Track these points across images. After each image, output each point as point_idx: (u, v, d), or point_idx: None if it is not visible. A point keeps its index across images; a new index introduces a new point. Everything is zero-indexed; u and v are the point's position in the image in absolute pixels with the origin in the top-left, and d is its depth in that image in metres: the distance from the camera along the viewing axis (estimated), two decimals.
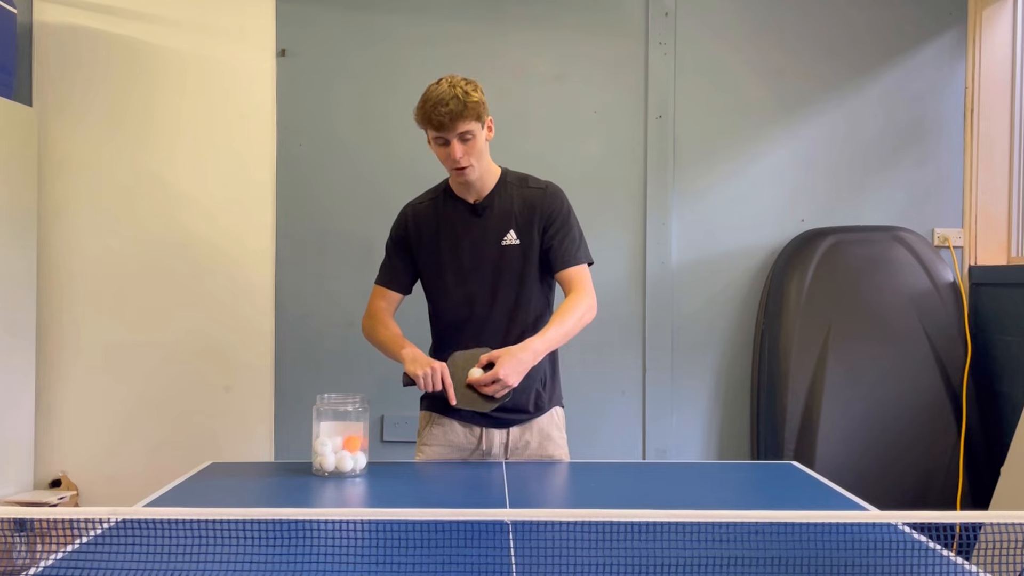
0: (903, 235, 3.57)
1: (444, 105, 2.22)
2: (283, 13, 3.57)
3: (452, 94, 2.23)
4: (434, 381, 2.24)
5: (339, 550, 1.46)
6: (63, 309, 3.51)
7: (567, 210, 2.41)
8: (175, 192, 3.53)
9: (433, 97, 2.25)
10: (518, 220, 2.38)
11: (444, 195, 2.44)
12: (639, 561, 1.41)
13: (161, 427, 3.50)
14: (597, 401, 3.66)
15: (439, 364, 2.26)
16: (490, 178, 2.40)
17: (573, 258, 2.38)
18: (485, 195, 2.40)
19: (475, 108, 2.25)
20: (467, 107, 2.23)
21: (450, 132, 2.25)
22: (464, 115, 2.24)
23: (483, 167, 2.35)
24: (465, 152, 2.28)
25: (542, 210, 2.38)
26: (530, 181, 2.44)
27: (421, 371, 2.25)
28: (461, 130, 2.25)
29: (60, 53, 3.50)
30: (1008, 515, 1.37)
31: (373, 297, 2.50)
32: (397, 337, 2.41)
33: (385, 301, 2.48)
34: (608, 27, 3.69)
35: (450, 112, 2.22)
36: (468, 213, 2.40)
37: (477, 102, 2.26)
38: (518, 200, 2.39)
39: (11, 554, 1.70)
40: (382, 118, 3.66)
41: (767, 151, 3.71)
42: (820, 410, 3.39)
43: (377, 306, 2.48)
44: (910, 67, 3.71)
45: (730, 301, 3.70)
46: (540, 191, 2.41)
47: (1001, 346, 3.45)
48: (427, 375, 2.24)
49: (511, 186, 2.42)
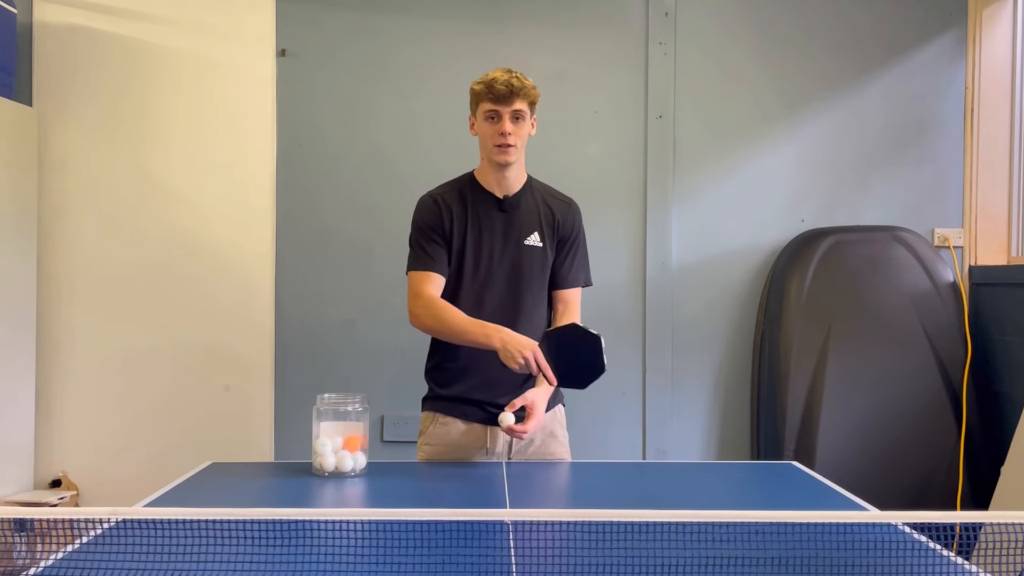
0: (903, 235, 3.57)
1: (506, 82, 2.31)
2: (283, 13, 3.57)
3: (513, 75, 2.34)
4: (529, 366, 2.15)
5: (339, 550, 1.46)
6: (63, 309, 3.50)
7: (581, 229, 2.49)
8: (175, 192, 3.52)
9: (495, 74, 2.34)
10: (543, 224, 2.42)
11: (471, 186, 2.44)
12: (639, 561, 1.41)
13: (161, 427, 3.50)
14: (597, 401, 3.65)
15: (531, 346, 2.16)
16: (520, 177, 2.44)
17: (576, 279, 2.46)
18: (513, 192, 2.41)
19: (532, 93, 2.36)
20: (526, 87, 2.34)
21: (506, 106, 2.31)
22: (523, 93, 2.33)
23: (520, 159, 2.40)
24: (514, 131, 2.33)
25: (563, 223, 2.44)
26: (554, 192, 2.50)
27: (516, 361, 2.16)
28: (516, 107, 2.32)
29: (60, 53, 3.50)
30: (1008, 515, 1.37)
31: (419, 285, 2.35)
32: (473, 320, 2.28)
33: (433, 286, 2.36)
34: (608, 27, 3.69)
35: (511, 87, 2.30)
36: (495, 207, 2.41)
37: (533, 89, 2.37)
38: (544, 207, 2.44)
39: (11, 554, 1.70)
40: (383, 118, 3.66)
41: (767, 151, 3.71)
42: (820, 410, 3.39)
43: (428, 292, 2.34)
44: (910, 67, 3.71)
45: (730, 301, 3.71)
46: (565, 204, 2.48)
47: (1001, 346, 3.45)
48: (523, 363, 2.15)
49: (537, 191, 2.46)
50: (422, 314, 2.33)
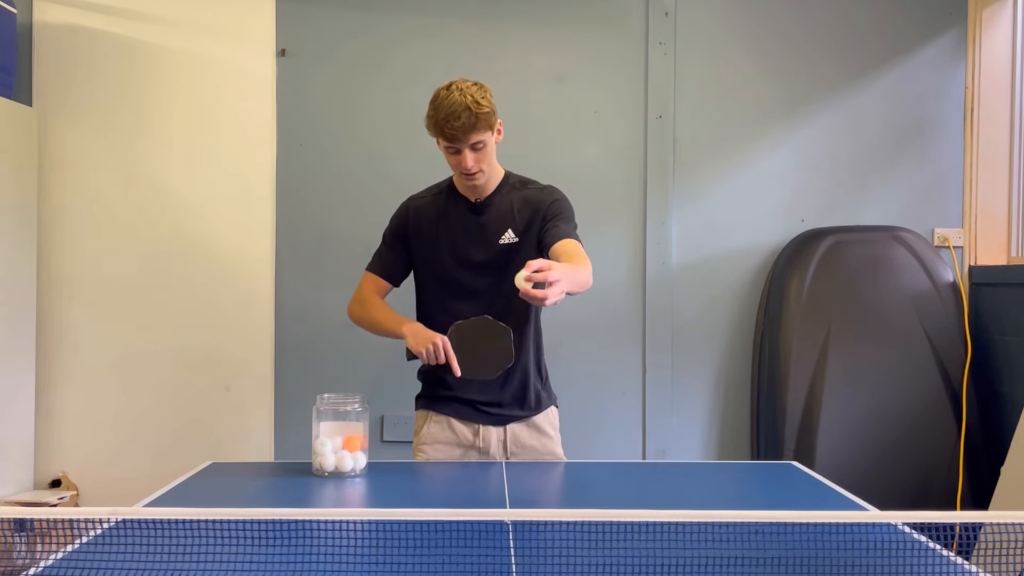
0: (903, 235, 3.57)
1: (456, 119, 2.20)
2: (283, 13, 3.57)
3: (464, 104, 2.20)
4: (437, 354, 2.24)
5: (339, 550, 1.46)
6: (63, 309, 3.51)
7: (566, 204, 2.41)
8: (175, 192, 3.53)
9: (444, 108, 2.22)
10: (516, 219, 2.39)
11: (447, 192, 2.45)
12: (639, 561, 1.41)
13: (161, 427, 3.50)
14: (597, 401, 3.66)
15: (440, 337, 2.25)
16: (494, 179, 2.42)
17: (564, 233, 2.30)
18: (487, 195, 2.41)
19: (487, 119, 2.24)
20: (479, 119, 2.22)
21: (462, 143, 2.25)
22: (476, 127, 2.23)
23: (491, 170, 2.37)
24: (476, 160, 2.28)
25: (540, 205, 2.38)
26: (531, 183, 2.46)
27: (423, 348, 2.24)
28: (473, 141, 2.25)
29: (60, 53, 3.50)
30: (1008, 515, 1.37)
31: (364, 283, 2.51)
32: (392, 314, 2.42)
33: (375, 288, 2.49)
34: (608, 26, 3.69)
35: (462, 126, 2.21)
36: (469, 211, 2.41)
37: (488, 112, 2.24)
38: (518, 200, 2.41)
39: (11, 554, 1.71)
40: (383, 118, 3.66)
41: (767, 151, 3.71)
42: (820, 410, 3.39)
43: (367, 291, 2.49)
44: (910, 67, 3.70)
45: (730, 301, 3.70)
46: (539, 189, 2.43)
47: (1001, 346, 3.45)
48: (430, 351, 2.24)
49: (512, 187, 2.43)
50: (354, 307, 2.50)
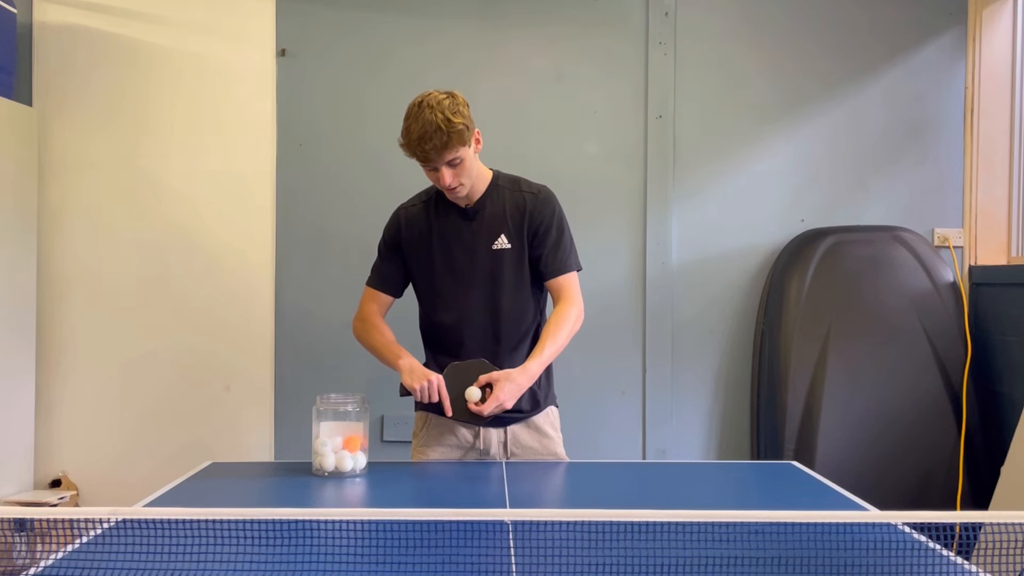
0: (903, 235, 3.57)
1: (428, 140, 2.18)
2: (283, 13, 3.57)
3: (435, 124, 2.17)
4: (431, 393, 2.26)
5: (339, 550, 1.46)
6: (63, 309, 3.51)
7: (558, 216, 2.40)
8: (175, 192, 3.53)
9: (416, 130, 2.19)
10: (510, 223, 2.37)
11: (436, 198, 2.43)
12: (639, 561, 1.41)
13: (161, 427, 3.50)
14: (597, 401, 3.66)
15: (436, 376, 2.27)
16: (481, 183, 2.39)
17: (563, 266, 2.39)
18: (476, 200, 2.39)
19: (460, 135, 2.20)
20: (451, 137, 2.18)
21: (438, 163, 2.24)
22: (449, 145, 2.20)
23: (474, 179, 2.33)
24: (455, 176, 2.26)
25: (531, 216, 2.37)
26: (522, 185, 2.43)
27: (418, 384, 2.27)
28: (448, 159, 2.23)
29: (60, 53, 3.50)
30: (1008, 515, 1.37)
31: (364, 299, 2.50)
32: (392, 345, 2.41)
33: (377, 303, 2.48)
34: (608, 26, 3.69)
35: (435, 147, 2.19)
36: (459, 218, 2.40)
37: (461, 127, 2.20)
38: (510, 204, 2.39)
39: (11, 554, 1.71)
40: (383, 118, 3.65)
41: (767, 151, 3.71)
42: (820, 410, 3.39)
43: (369, 309, 2.48)
44: (910, 67, 3.71)
45: (730, 301, 3.70)
46: (532, 195, 2.40)
47: (1001, 346, 3.45)
48: (424, 388, 2.26)
49: (503, 190, 2.41)
50: (358, 328, 2.51)
